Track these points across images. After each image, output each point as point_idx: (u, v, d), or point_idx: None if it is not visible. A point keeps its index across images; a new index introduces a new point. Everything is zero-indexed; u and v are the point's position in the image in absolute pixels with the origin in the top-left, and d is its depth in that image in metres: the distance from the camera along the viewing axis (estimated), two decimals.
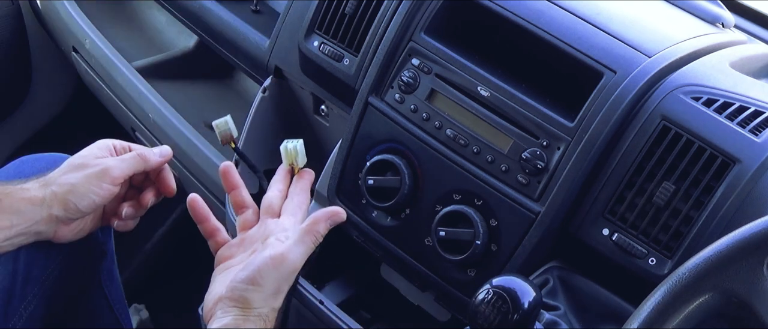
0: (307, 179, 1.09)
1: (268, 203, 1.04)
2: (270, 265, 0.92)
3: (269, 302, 0.92)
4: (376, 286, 1.23)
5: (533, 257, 1.00)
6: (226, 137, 1.11)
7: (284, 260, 0.92)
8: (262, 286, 0.91)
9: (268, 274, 0.92)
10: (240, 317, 0.90)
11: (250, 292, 0.91)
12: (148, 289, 1.80)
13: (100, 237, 1.17)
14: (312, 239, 0.96)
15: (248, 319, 0.90)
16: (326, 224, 0.98)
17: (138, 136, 1.59)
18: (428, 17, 1.08)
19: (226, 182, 1.05)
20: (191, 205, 1.02)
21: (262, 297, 0.91)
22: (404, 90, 1.08)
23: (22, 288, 1.07)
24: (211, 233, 1.03)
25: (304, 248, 0.95)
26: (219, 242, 1.02)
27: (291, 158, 1.08)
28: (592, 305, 0.98)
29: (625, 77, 0.97)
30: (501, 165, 1.01)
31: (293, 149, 1.08)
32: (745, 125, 0.94)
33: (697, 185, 0.92)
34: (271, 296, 0.92)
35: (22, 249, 1.06)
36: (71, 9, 1.62)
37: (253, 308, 0.91)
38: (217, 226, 1.03)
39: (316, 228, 0.96)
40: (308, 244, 0.95)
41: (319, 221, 0.97)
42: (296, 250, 0.94)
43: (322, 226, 0.97)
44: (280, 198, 1.05)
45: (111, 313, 1.23)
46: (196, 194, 1.05)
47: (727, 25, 1.18)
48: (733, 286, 0.71)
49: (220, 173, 1.05)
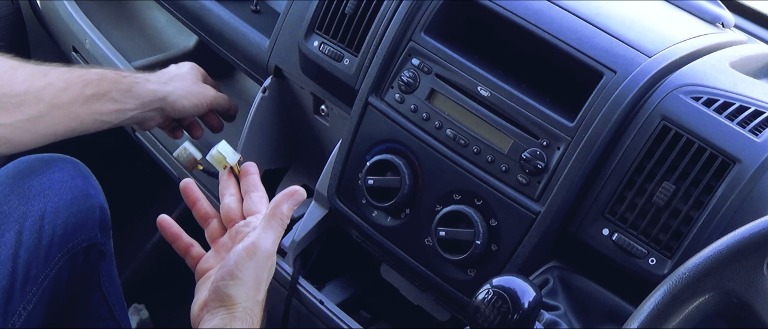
0: (253, 172, 1.09)
1: (227, 211, 1.05)
2: (244, 256, 0.93)
3: (252, 294, 0.93)
4: (376, 286, 1.23)
5: (533, 257, 1.00)
6: (191, 163, 1.13)
7: (256, 248, 0.93)
8: (241, 279, 0.92)
9: (244, 266, 0.92)
10: (226, 316, 0.91)
11: (231, 288, 0.92)
12: (148, 289, 1.80)
13: (99, 238, 1.17)
14: (278, 223, 0.96)
15: (235, 317, 0.91)
16: (289, 204, 0.98)
17: (138, 136, 1.59)
18: (428, 17, 1.08)
19: (186, 198, 1.06)
20: (161, 224, 1.04)
21: (244, 290, 0.92)
22: (404, 90, 1.08)
23: (22, 288, 1.07)
24: (185, 250, 1.04)
25: (273, 233, 0.95)
26: (194, 257, 1.03)
27: (220, 162, 1.08)
28: (592, 305, 0.98)
29: (625, 77, 0.97)
30: (501, 165, 1.01)
31: (217, 154, 1.07)
32: (745, 125, 0.94)
33: (697, 185, 0.92)
34: (252, 288, 0.93)
35: (21, 249, 1.06)
36: (71, 9, 1.62)
37: (237, 304, 0.92)
38: (189, 242, 1.04)
39: (279, 211, 0.97)
40: (276, 228, 0.96)
41: (281, 203, 0.97)
42: (266, 236, 0.95)
43: (286, 207, 0.97)
44: (236, 202, 1.06)
45: (110, 314, 1.23)
46: (190, 179, 1.06)
47: (727, 25, 1.18)
48: (733, 286, 0.71)
49: (181, 190, 1.06)
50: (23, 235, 1.08)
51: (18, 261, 1.07)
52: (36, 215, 1.10)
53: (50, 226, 1.11)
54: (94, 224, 1.16)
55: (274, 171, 1.36)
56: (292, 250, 1.17)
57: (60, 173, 1.15)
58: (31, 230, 1.09)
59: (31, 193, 1.11)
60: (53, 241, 1.11)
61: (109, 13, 1.69)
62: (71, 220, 1.13)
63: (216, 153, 1.08)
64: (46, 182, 1.12)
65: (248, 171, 1.09)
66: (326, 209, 1.18)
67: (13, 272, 1.06)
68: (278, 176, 1.37)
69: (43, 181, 1.12)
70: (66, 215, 1.12)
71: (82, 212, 1.14)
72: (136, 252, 1.84)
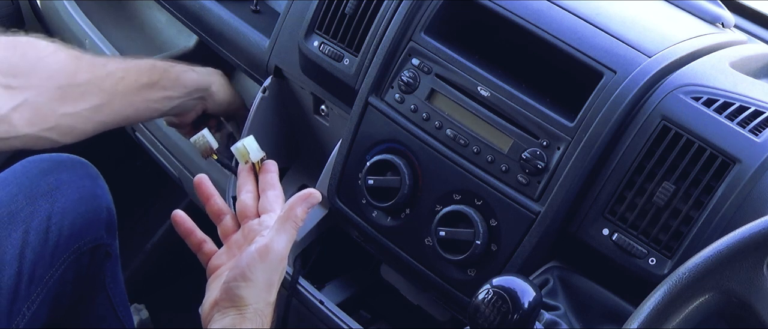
0: (272, 170, 1.08)
1: (242, 207, 1.04)
2: (257, 258, 0.92)
3: (263, 296, 0.93)
4: (376, 286, 1.23)
5: (533, 257, 1.00)
6: (207, 151, 1.13)
7: (269, 250, 0.93)
8: (252, 281, 0.92)
9: (256, 268, 0.92)
10: (237, 317, 0.91)
11: (242, 289, 0.91)
12: (148, 289, 1.80)
13: (105, 239, 1.17)
14: (292, 225, 0.96)
15: (245, 318, 0.91)
16: (303, 207, 0.97)
17: (138, 136, 1.59)
18: (428, 17, 1.08)
19: (200, 194, 1.06)
20: (176, 220, 1.03)
21: (255, 292, 0.92)
22: (404, 90, 1.08)
23: (27, 288, 1.07)
24: (198, 246, 1.03)
25: (286, 235, 0.95)
26: (207, 253, 1.03)
27: (244, 157, 1.07)
28: (592, 305, 0.98)
29: (625, 77, 0.97)
30: (501, 165, 1.01)
31: (243, 147, 1.07)
32: (745, 125, 0.94)
33: (697, 185, 0.92)
34: (263, 290, 0.93)
35: (27, 249, 1.06)
36: (71, 9, 1.62)
37: (248, 305, 0.91)
38: (203, 237, 1.03)
39: (293, 214, 0.96)
40: (289, 231, 0.96)
41: (295, 206, 0.97)
42: (279, 239, 0.94)
43: (300, 210, 0.97)
44: (252, 199, 1.06)
45: (114, 314, 1.24)
46: (204, 175, 1.05)
47: (727, 25, 1.18)
48: (733, 286, 0.71)
49: (195, 185, 1.05)
50: (30, 235, 1.09)
51: (24, 261, 1.07)
52: (43, 216, 1.10)
53: (57, 227, 1.11)
54: (100, 225, 1.17)
55: None
56: (292, 250, 1.17)
57: (68, 173, 1.15)
58: (38, 230, 1.09)
59: (39, 193, 1.11)
60: (59, 242, 1.11)
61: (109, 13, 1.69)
62: (78, 221, 1.13)
63: (241, 147, 1.07)
64: (53, 183, 1.13)
65: (268, 169, 1.08)
66: (326, 209, 1.18)
67: (18, 272, 1.06)
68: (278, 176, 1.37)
69: (50, 181, 1.12)
70: (73, 216, 1.12)
71: (89, 213, 1.14)
72: (136, 252, 1.84)
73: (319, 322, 1.13)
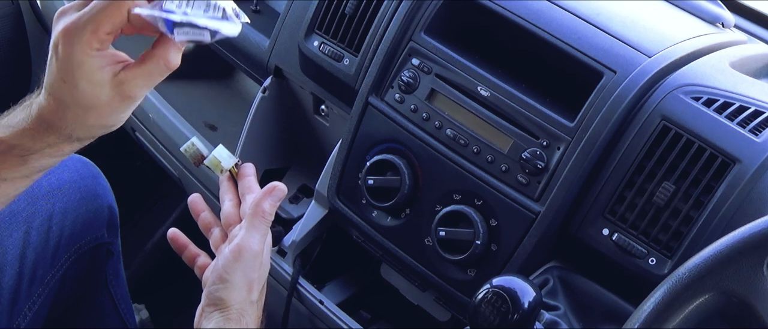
0: (249, 174, 1.07)
1: (226, 217, 1.04)
2: (230, 259, 0.93)
3: (244, 296, 0.93)
4: (376, 286, 1.23)
5: (533, 257, 1.00)
6: (197, 158, 1.12)
7: (242, 249, 0.93)
8: (230, 282, 0.92)
9: (232, 268, 0.92)
10: (221, 319, 0.91)
11: (221, 291, 0.92)
12: (149, 289, 1.80)
13: (107, 238, 1.17)
14: (261, 221, 0.96)
15: (230, 319, 0.91)
16: (269, 202, 0.97)
17: (138, 136, 1.59)
18: (428, 17, 1.08)
19: (192, 211, 1.05)
20: (171, 237, 1.03)
21: (235, 292, 0.92)
22: (404, 90, 1.08)
23: (28, 288, 1.07)
24: (192, 260, 1.03)
25: (257, 232, 0.95)
26: (201, 266, 1.03)
27: (217, 167, 1.06)
28: (592, 305, 0.98)
29: (625, 77, 0.97)
30: (501, 165, 1.01)
31: (214, 159, 1.05)
32: (745, 125, 0.94)
33: (697, 185, 0.92)
34: (243, 289, 0.93)
35: (28, 249, 1.06)
36: None
37: (230, 306, 0.92)
38: (196, 252, 1.03)
39: (260, 210, 0.96)
40: (259, 227, 0.95)
41: (261, 202, 0.97)
42: (250, 237, 0.94)
43: (267, 205, 0.97)
44: (234, 207, 1.05)
45: (116, 313, 1.24)
46: (197, 194, 1.04)
47: (727, 25, 1.18)
48: (733, 286, 0.71)
49: (188, 204, 1.05)
50: (31, 235, 1.08)
51: (25, 261, 1.07)
52: (44, 216, 1.10)
53: (58, 226, 1.11)
54: (102, 224, 1.17)
55: (274, 171, 1.36)
56: (292, 250, 1.17)
57: (69, 172, 1.15)
58: (39, 230, 1.09)
59: (40, 193, 1.11)
60: (61, 242, 1.11)
61: None
62: (79, 220, 1.13)
63: (212, 158, 1.07)
64: (55, 182, 1.12)
65: (244, 173, 1.08)
66: (326, 209, 1.18)
67: (20, 272, 1.06)
68: (278, 176, 1.37)
69: (52, 181, 1.12)
70: (74, 216, 1.12)
71: (90, 213, 1.14)
72: (136, 252, 1.84)
73: (319, 322, 1.13)
